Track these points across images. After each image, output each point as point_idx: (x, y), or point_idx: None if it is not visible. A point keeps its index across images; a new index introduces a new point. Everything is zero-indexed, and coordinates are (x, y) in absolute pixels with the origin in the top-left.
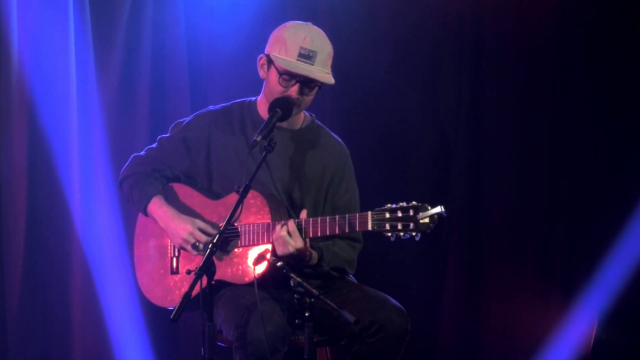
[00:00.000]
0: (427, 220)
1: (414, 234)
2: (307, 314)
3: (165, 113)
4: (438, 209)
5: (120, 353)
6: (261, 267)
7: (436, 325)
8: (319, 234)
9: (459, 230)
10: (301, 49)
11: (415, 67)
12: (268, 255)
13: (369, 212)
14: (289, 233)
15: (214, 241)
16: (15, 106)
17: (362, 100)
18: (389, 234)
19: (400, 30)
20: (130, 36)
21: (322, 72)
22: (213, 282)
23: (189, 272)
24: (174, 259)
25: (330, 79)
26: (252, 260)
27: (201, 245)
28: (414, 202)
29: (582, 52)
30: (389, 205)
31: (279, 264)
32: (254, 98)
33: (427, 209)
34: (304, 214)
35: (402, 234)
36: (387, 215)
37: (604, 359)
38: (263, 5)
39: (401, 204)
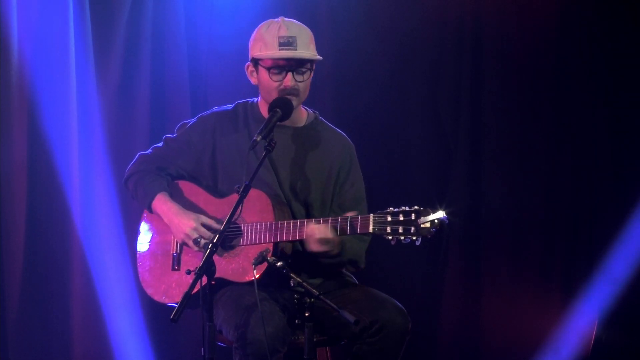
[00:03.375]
0: (428, 224)
1: (414, 238)
2: (307, 314)
3: (165, 113)
4: (440, 214)
5: (120, 353)
6: (261, 267)
7: (436, 325)
8: None
9: (460, 229)
10: (280, 37)
11: (416, 68)
12: (268, 256)
13: (371, 215)
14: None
15: (214, 241)
16: (15, 106)
17: (362, 100)
18: (390, 238)
19: (401, 31)
20: (130, 36)
21: (307, 52)
22: (213, 282)
23: (188, 272)
24: (176, 256)
25: (316, 56)
26: (253, 260)
27: (203, 241)
28: (416, 207)
29: (582, 52)
30: (391, 208)
31: (279, 264)
32: (255, 99)
33: (429, 214)
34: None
35: (402, 238)
36: (389, 218)
37: (604, 359)
38: (263, 6)
39: (403, 207)
